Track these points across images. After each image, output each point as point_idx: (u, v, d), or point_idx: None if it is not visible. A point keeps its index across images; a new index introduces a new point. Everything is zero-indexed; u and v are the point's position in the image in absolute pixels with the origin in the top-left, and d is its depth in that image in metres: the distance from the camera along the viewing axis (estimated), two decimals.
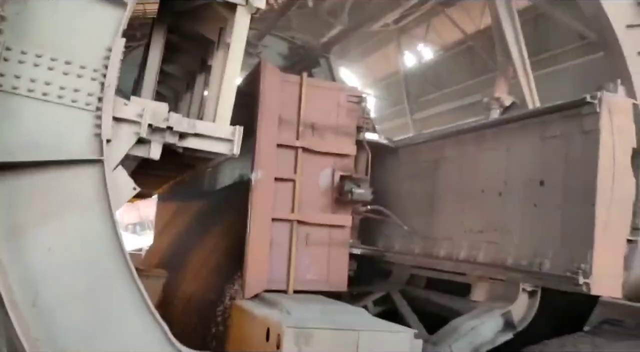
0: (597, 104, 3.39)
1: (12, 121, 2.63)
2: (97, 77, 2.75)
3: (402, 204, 5.30)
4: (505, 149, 4.09)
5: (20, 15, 2.65)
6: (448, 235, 4.59)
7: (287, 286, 4.86)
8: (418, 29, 16.16)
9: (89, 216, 2.68)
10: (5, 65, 2.61)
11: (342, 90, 5.04)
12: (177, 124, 2.83)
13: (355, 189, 4.78)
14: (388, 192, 5.39)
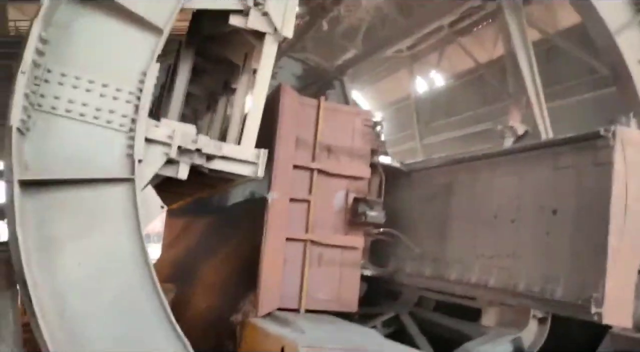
0: (611, 137, 3.49)
1: (50, 140, 2.78)
2: (132, 100, 2.90)
3: (414, 227, 5.39)
4: (518, 176, 4.19)
5: (62, 38, 2.82)
6: (459, 258, 4.66)
7: (299, 305, 4.95)
8: (431, 56, 16.59)
9: (118, 232, 2.80)
10: (46, 87, 2.77)
11: (358, 114, 5.20)
12: (205, 146, 2.97)
13: (369, 211, 4.89)
14: (400, 215, 5.48)
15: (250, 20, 3.13)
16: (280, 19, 3.15)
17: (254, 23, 3.14)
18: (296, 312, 4.94)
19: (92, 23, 2.89)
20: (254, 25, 3.14)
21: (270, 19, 3.14)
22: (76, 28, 2.85)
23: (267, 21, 3.15)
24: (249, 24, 3.14)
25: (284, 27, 3.15)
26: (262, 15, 3.13)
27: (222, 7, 3.12)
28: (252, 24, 3.14)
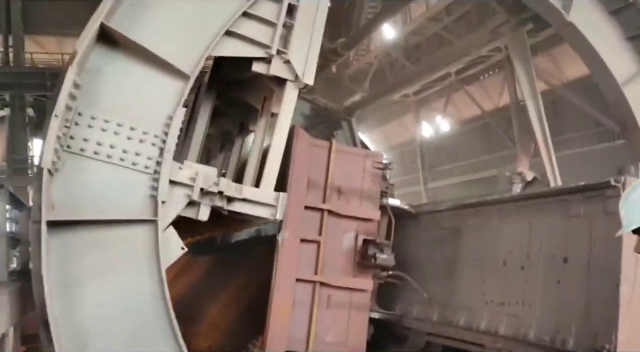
0: (620, 187, 3.57)
1: (77, 180, 2.89)
2: (157, 143, 3.03)
3: (422, 270, 5.41)
4: (527, 223, 4.25)
5: (93, 83, 2.97)
6: (468, 304, 4.66)
7: (307, 348, 4.91)
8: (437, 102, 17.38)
9: (139, 272, 2.87)
10: (76, 129, 2.90)
11: (368, 156, 5.31)
12: (226, 188, 3.07)
13: (378, 254, 4.92)
14: (408, 257, 5.51)
15: (273, 67, 3.30)
16: (301, 67, 3.32)
17: (276, 70, 3.31)
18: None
19: (122, 68, 3.05)
20: (276, 72, 3.31)
21: (292, 67, 3.31)
22: (107, 73, 3.01)
23: (289, 69, 3.32)
24: (271, 71, 3.30)
25: (305, 74, 3.32)
26: (284, 63, 3.30)
27: (247, 55, 3.29)
28: (274, 71, 3.30)
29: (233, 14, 3.22)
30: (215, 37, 3.16)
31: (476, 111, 15.65)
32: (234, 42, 3.26)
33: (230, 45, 3.25)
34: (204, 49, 3.15)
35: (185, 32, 3.17)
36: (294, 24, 3.34)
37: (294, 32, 3.34)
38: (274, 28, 3.32)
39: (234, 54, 3.29)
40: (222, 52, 3.25)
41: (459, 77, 15.17)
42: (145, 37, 3.06)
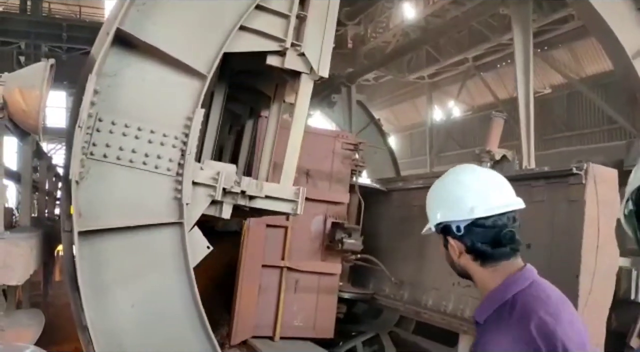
0: (582, 175, 4.35)
1: (102, 187, 3.36)
2: (178, 145, 3.55)
3: (393, 247, 6.47)
4: None
5: (111, 87, 3.40)
6: (436, 285, 5.82)
7: (274, 333, 5.81)
8: (451, 87, 19.51)
9: (168, 273, 3.47)
10: (98, 136, 3.34)
11: (338, 137, 6.14)
12: (248, 187, 3.71)
13: (346, 239, 5.86)
14: (378, 233, 6.53)
15: (287, 60, 3.87)
16: (316, 59, 3.93)
17: (290, 63, 3.88)
18: (271, 339, 5.79)
19: (139, 71, 3.49)
20: (291, 65, 3.89)
21: (307, 59, 3.91)
22: (124, 76, 3.44)
23: (304, 61, 3.91)
24: (286, 64, 3.87)
25: (320, 67, 3.95)
26: (299, 55, 3.90)
27: (262, 49, 3.84)
28: (289, 64, 3.88)
29: (246, 8, 3.70)
30: (229, 33, 3.63)
31: (489, 99, 17.54)
32: (248, 37, 3.75)
33: (244, 40, 3.74)
34: (219, 46, 3.62)
35: (199, 30, 3.59)
36: (307, 15, 3.90)
37: (307, 23, 3.86)
38: (287, 20, 3.83)
39: (248, 49, 3.78)
40: (237, 47, 3.73)
41: (476, 63, 16.99)
42: (159, 37, 3.44)
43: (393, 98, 21.88)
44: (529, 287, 1.71)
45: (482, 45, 15.18)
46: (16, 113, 3.31)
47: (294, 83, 4.14)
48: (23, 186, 4.61)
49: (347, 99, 8.86)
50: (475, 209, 1.75)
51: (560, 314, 1.63)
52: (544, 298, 1.67)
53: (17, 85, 3.27)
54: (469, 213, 1.75)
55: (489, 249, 1.76)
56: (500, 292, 1.73)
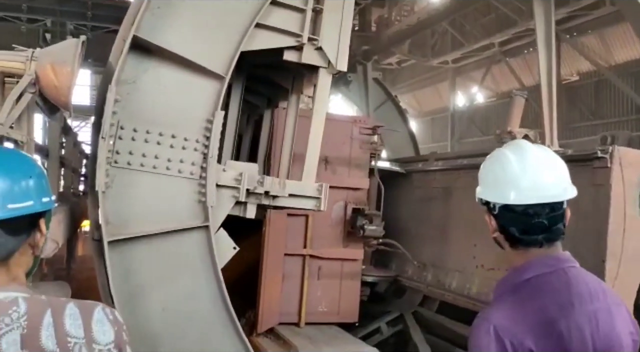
0: (608, 158, 4.36)
1: (127, 194, 3.45)
2: (199, 148, 3.62)
3: (414, 228, 6.55)
4: None
5: (131, 95, 3.45)
6: (459, 268, 5.91)
7: (299, 319, 5.95)
8: (475, 72, 19.49)
9: (197, 276, 3.58)
10: (120, 144, 3.41)
11: (356, 122, 6.15)
12: (271, 187, 3.78)
13: (367, 225, 5.92)
14: (400, 215, 6.61)
15: (305, 55, 3.90)
16: (334, 53, 3.95)
17: (308, 58, 3.91)
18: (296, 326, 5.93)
19: (157, 76, 3.54)
20: (308, 60, 3.91)
21: (324, 54, 3.93)
22: (143, 82, 3.49)
23: (321, 55, 3.93)
24: (303, 59, 3.90)
25: (338, 60, 3.96)
26: (316, 49, 3.91)
27: (279, 45, 3.86)
28: (306, 59, 3.91)
29: (262, 4, 3.70)
30: (245, 32, 3.64)
31: (515, 85, 17.43)
32: (264, 34, 3.76)
33: (260, 38, 3.75)
34: (236, 46, 3.64)
35: (214, 31, 3.61)
36: (323, 9, 3.90)
37: (324, 17, 3.87)
38: (303, 14, 3.84)
39: (265, 46, 3.79)
40: (254, 46, 3.75)
41: (502, 48, 16.91)
42: (175, 41, 3.47)
43: (416, 83, 21.93)
44: (549, 274, 1.69)
45: (509, 30, 15.10)
46: (48, 89, 3.37)
47: (312, 76, 4.16)
48: (51, 161, 4.78)
49: (363, 77, 8.84)
50: (507, 194, 1.71)
51: (575, 307, 1.61)
52: (559, 287, 1.66)
53: (49, 61, 3.32)
54: (500, 197, 1.73)
55: (517, 234, 1.73)
56: (517, 273, 1.73)
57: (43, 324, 1.33)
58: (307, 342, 5.34)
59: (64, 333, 1.35)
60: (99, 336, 1.40)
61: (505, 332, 1.58)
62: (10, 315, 1.31)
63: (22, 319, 1.32)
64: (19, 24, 15.86)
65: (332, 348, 5.38)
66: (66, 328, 1.35)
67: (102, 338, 1.40)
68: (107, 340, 1.41)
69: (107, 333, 1.42)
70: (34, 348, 1.30)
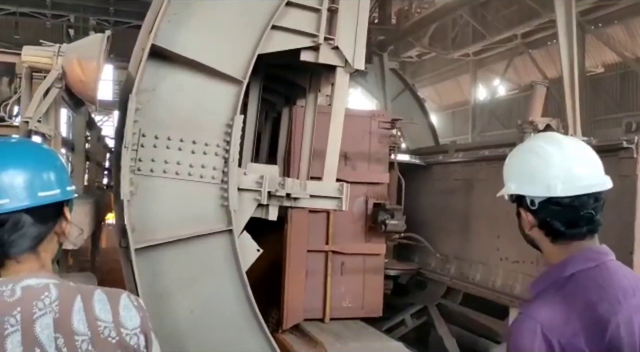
0: (634, 149, 4.37)
1: (152, 201, 3.53)
2: (220, 152, 3.67)
3: (436, 221, 6.56)
4: None
5: (151, 102, 3.51)
6: (483, 260, 5.92)
7: (324, 315, 6.02)
8: (497, 65, 19.31)
9: (222, 278, 3.66)
10: (143, 151, 3.48)
11: (374, 117, 6.16)
12: (292, 189, 3.82)
13: (388, 220, 5.94)
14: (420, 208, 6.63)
15: (322, 55, 3.92)
16: (350, 52, 3.97)
17: (325, 58, 3.94)
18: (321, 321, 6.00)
19: (175, 82, 3.59)
20: (325, 60, 3.94)
21: (341, 53, 3.95)
22: (162, 89, 3.55)
23: (338, 55, 3.96)
24: (320, 59, 3.93)
25: (355, 59, 3.98)
26: (332, 49, 3.93)
27: (295, 46, 3.89)
28: (323, 59, 3.94)
29: (277, 6, 3.74)
30: (261, 35, 3.68)
31: (537, 77, 17.23)
32: (281, 36, 3.79)
33: (277, 39, 3.78)
34: (252, 49, 3.68)
35: (231, 35, 3.65)
36: (339, 8, 3.91)
37: (339, 16, 3.88)
38: (319, 14, 3.86)
39: (281, 48, 3.83)
40: (270, 48, 3.78)
41: (525, 40, 16.68)
42: (192, 47, 3.52)
43: (436, 76, 21.79)
44: (592, 268, 1.63)
45: (532, 22, 14.86)
46: (74, 83, 3.44)
47: (330, 75, 4.19)
48: (76, 154, 4.89)
49: (380, 68, 8.79)
50: (553, 187, 1.63)
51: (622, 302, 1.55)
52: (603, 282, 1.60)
53: (75, 56, 3.39)
54: (545, 190, 1.64)
55: (562, 228, 1.66)
56: (558, 268, 1.67)
57: (74, 308, 1.40)
58: (333, 339, 5.40)
59: (94, 317, 1.41)
60: (126, 321, 1.47)
61: (553, 331, 1.52)
62: (43, 300, 1.38)
63: (54, 304, 1.38)
64: (44, 20, 16.32)
65: (358, 344, 5.44)
66: (96, 313, 1.42)
67: (129, 323, 1.47)
68: (134, 325, 1.48)
69: (134, 319, 1.49)
70: (66, 331, 1.37)
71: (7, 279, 1.41)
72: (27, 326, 1.34)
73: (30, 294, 1.38)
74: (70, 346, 1.37)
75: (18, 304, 1.36)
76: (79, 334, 1.38)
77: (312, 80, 4.55)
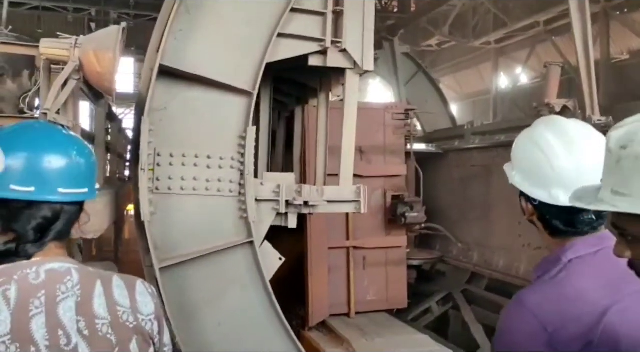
0: None
1: (172, 218, 3.60)
2: (235, 165, 3.73)
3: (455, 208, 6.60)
4: None
5: (163, 121, 3.57)
6: (506, 246, 5.95)
7: (349, 310, 6.11)
8: (519, 53, 19.05)
9: (247, 290, 3.74)
10: (159, 170, 3.55)
11: (387, 109, 6.17)
12: (309, 196, 3.87)
13: (408, 212, 5.99)
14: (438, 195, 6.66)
15: (330, 59, 3.93)
16: (359, 54, 3.96)
17: (333, 61, 3.94)
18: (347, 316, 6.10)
19: (186, 99, 3.64)
20: (334, 63, 3.95)
21: (349, 55, 3.96)
22: (173, 107, 3.60)
23: (347, 57, 3.96)
24: (328, 62, 3.93)
25: (363, 61, 3.98)
26: (340, 52, 3.94)
27: (302, 52, 3.90)
28: (332, 63, 3.94)
29: (281, 13, 3.75)
30: (268, 44, 3.69)
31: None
32: (287, 43, 3.80)
33: (284, 47, 3.80)
34: (260, 60, 3.70)
35: (238, 46, 3.67)
36: (344, 10, 3.91)
37: (345, 18, 3.87)
38: (324, 17, 3.86)
39: (289, 55, 3.84)
40: (277, 56, 3.80)
41: (548, 27, 16.38)
42: (200, 64, 3.56)
43: (456, 65, 21.55)
44: (592, 254, 1.58)
45: (555, 8, 14.47)
46: (91, 75, 3.49)
47: (339, 77, 4.20)
48: (97, 146, 4.98)
49: (391, 53, 8.75)
50: (555, 196, 1.57)
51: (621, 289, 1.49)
52: (602, 269, 1.54)
53: (92, 48, 3.44)
54: (547, 197, 1.59)
55: (560, 226, 1.62)
56: (557, 254, 1.62)
57: (95, 293, 1.47)
58: (359, 334, 5.49)
59: (113, 302, 1.49)
60: (142, 307, 1.55)
61: (542, 318, 1.48)
62: (66, 283, 1.44)
63: (76, 288, 1.45)
64: (66, 14, 16.73)
65: (383, 339, 5.52)
66: (115, 298, 1.50)
67: (144, 309, 1.55)
68: (149, 311, 1.56)
69: (149, 305, 1.57)
70: (88, 315, 1.44)
71: (32, 262, 1.46)
72: (50, 309, 1.40)
73: (53, 277, 1.44)
74: (92, 329, 1.44)
75: (42, 287, 1.41)
76: (99, 317, 1.45)
77: (322, 81, 4.57)
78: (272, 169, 5.79)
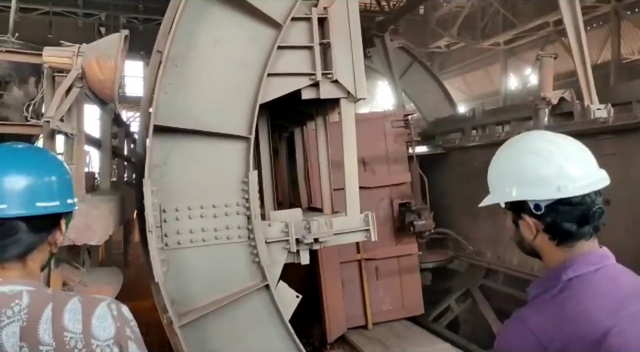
0: None
1: (186, 272, 3.70)
2: (241, 210, 3.81)
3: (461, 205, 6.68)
4: None
5: (164, 176, 3.65)
6: None
7: (366, 321, 6.24)
8: (528, 53, 18.96)
9: (268, 332, 3.85)
10: (167, 226, 3.64)
11: (387, 117, 6.23)
12: (318, 232, 3.95)
13: (416, 220, 6.07)
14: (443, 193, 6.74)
15: (322, 90, 3.98)
16: (351, 83, 4.02)
17: (326, 93, 4.00)
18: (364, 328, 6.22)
19: (184, 152, 3.71)
20: (327, 95, 4.00)
21: (342, 85, 4.01)
22: (172, 162, 3.68)
23: (339, 88, 4.02)
24: (322, 95, 3.99)
25: (357, 90, 4.04)
26: (332, 82, 4.00)
27: (294, 88, 3.95)
28: (325, 95, 4.00)
29: (269, 53, 3.79)
30: (259, 86, 3.75)
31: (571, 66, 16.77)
32: (278, 81, 3.85)
33: (275, 86, 3.85)
34: (253, 102, 3.75)
35: (229, 92, 3.71)
36: (330, 42, 3.96)
37: (333, 49, 3.91)
38: (312, 51, 3.92)
39: (280, 93, 3.89)
40: (270, 96, 3.85)
41: (557, 28, 16.23)
42: (193, 114, 3.61)
43: (465, 66, 21.60)
44: (592, 273, 1.59)
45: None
46: (93, 82, 3.58)
47: (335, 105, 4.26)
48: (103, 151, 5.08)
49: (383, 49, 8.77)
50: (564, 187, 1.58)
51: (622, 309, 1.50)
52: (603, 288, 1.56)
53: (94, 56, 3.53)
54: (554, 192, 1.59)
55: (573, 228, 1.61)
56: (558, 272, 1.63)
57: (42, 318, 1.43)
58: (381, 348, 5.62)
59: (61, 327, 1.43)
60: (98, 332, 1.47)
61: (543, 337, 1.49)
62: (12, 308, 1.41)
63: (23, 312, 1.42)
64: (76, 19, 17.14)
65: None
66: (64, 323, 1.44)
67: (101, 334, 1.48)
68: (107, 336, 1.48)
69: (108, 329, 1.49)
70: (31, 341, 1.40)
71: None
72: None
73: (0, 301, 1.43)
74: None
75: None
76: (43, 344, 1.41)
77: (318, 108, 4.63)
78: (277, 183, 5.84)
